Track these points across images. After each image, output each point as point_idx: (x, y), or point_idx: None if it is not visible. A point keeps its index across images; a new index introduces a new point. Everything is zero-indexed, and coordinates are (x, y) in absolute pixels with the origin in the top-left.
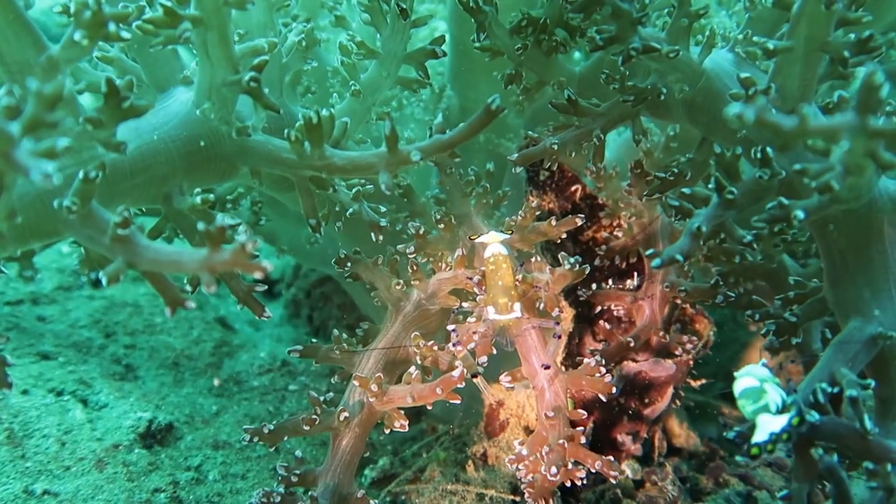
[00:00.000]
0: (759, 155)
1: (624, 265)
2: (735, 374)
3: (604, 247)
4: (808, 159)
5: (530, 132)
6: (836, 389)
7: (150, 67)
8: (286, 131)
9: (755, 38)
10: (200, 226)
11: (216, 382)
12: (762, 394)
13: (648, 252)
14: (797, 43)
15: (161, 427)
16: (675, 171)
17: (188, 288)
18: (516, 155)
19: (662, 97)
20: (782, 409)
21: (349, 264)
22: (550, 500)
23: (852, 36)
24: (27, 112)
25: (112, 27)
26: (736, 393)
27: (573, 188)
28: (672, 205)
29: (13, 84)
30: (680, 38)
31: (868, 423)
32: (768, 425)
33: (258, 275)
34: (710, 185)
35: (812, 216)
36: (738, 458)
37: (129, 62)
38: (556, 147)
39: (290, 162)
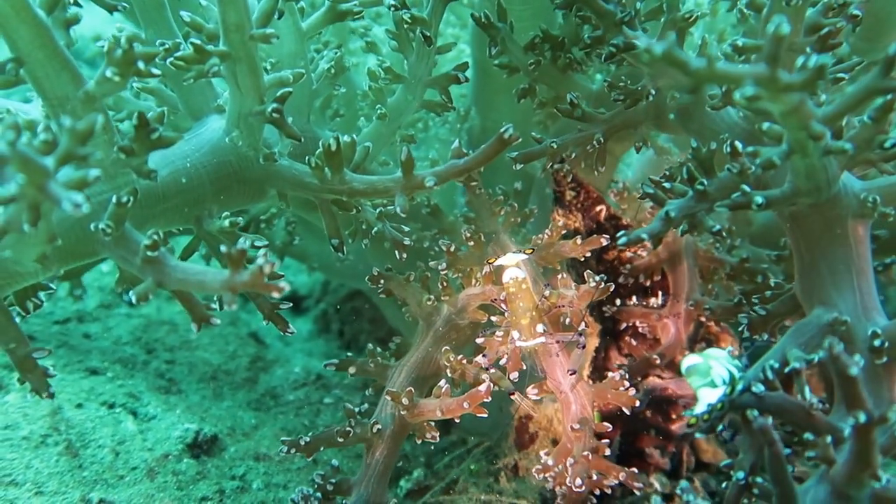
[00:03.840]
0: (728, 149)
1: (648, 283)
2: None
3: (628, 266)
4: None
5: (533, 134)
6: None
7: (186, 97)
8: (307, 158)
9: (735, 40)
10: (223, 248)
11: None
12: (708, 370)
13: (620, 233)
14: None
15: (207, 438)
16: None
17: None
18: (516, 153)
19: (651, 98)
20: (729, 384)
21: (382, 281)
22: None
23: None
24: (61, 147)
25: (142, 65)
26: (682, 370)
27: (598, 208)
28: (647, 192)
29: (52, 118)
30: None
31: (808, 396)
32: (706, 397)
33: (276, 294)
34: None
35: (776, 207)
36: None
37: (168, 92)
38: (555, 147)
39: (313, 186)
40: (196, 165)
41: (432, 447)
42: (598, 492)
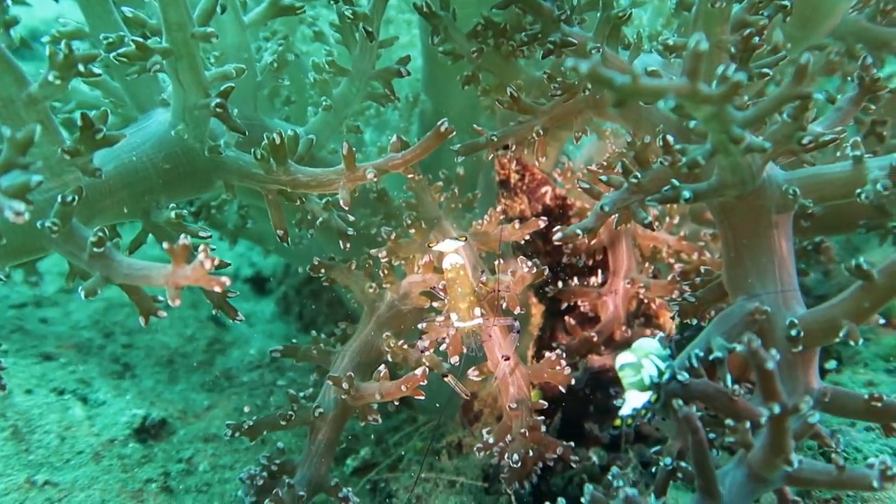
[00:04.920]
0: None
1: (591, 263)
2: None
3: (570, 246)
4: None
5: (474, 125)
6: (712, 357)
7: (131, 90)
8: (252, 150)
9: (666, 37)
10: (165, 245)
11: None
12: (639, 368)
13: (556, 228)
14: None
15: (155, 423)
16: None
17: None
18: (459, 146)
19: (589, 91)
20: (657, 380)
21: (323, 270)
22: (525, 483)
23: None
24: (2, 157)
25: (82, 68)
26: (616, 367)
27: (543, 190)
28: (582, 187)
29: None
30: (608, 38)
31: (730, 383)
32: (633, 401)
33: (218, 289)
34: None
35: (703, 198)
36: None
37: (114, 84)
38: (494, 139)
39: (259, 177)
40: (142, 158)
41: (384, 425)
42: (540, 466)
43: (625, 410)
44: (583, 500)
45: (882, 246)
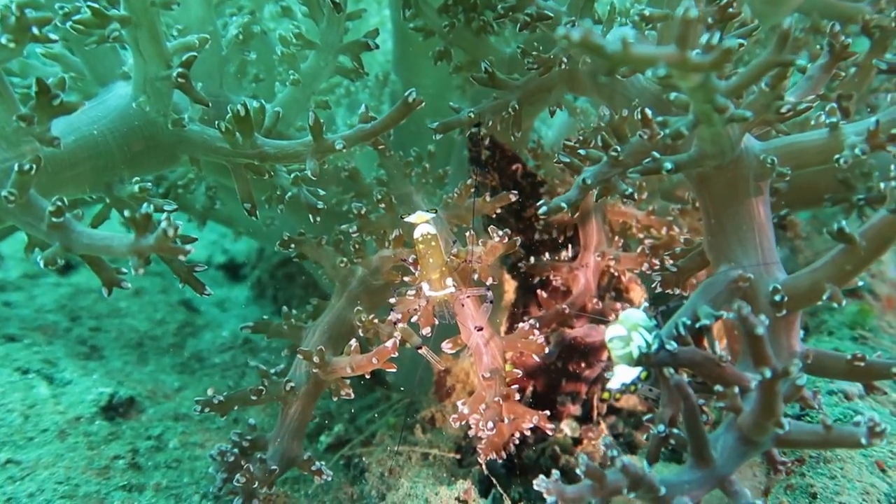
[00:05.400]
0: (639, 116)
1: (562, 238)
2: (619, 316)
3: (542, 222)
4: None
5: (451, 104)
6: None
7: (91, 63)
8: (217, 123)
9: (640, 8)
10: (127, 213)
11: None
12: (628, 341)
13: (540, 202)
14: (670, 9)
15: (122, 401)
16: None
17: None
18: (437, 123)
19: (564, 66)
20: (645, 353)
21: (293, 245)
22: (502, 453)
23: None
24: None
25: (36, 31)
26: (606, 339)
27: (514, 167)
28: (563, 161)
29: None
30: (582, 12)
31: (717, 349)
32: (622, 376)
33: (182, 257)
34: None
35: (683, 169)
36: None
37: (73, 58)
38: (472, 116)
39: (225, 151)
40: (104, 132)
41: (358, 404)
42: (518, 438)
43: (613, 384)
44: (578, 470)
45: (847, 221)
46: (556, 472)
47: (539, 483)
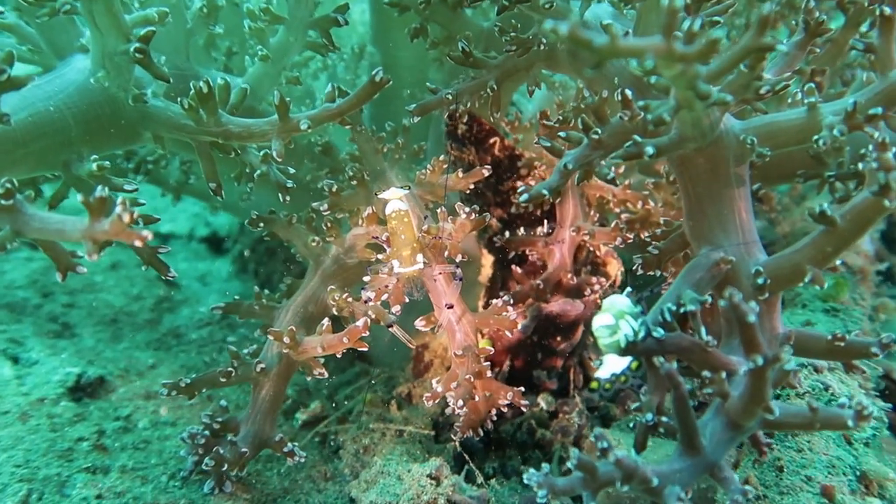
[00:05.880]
0: (619, 97)
1: (539, 213)
2: (602, 303)
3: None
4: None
5: (429, 84)
6: (683, 309)
7: (47, 35)
8: (179, 99)
9: None
10: (80, 197)
11: None
12: (616, 329)
13: (521, 188)
14: None
15: (91, 381)
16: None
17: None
18: (414, 106)
19: (543, 46)
20: (632, 341)
21: (262, 224)
22: (479, 430)
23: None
24: None
25: None
26: (593, 328)
27: (491, 141)
28: (545, 145)
29: None
30: None
31: (704, 335)
32: (611, 366)
33: (138, 243)
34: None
35: (665, 153)
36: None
37: (28, 29)
38: (450, 97)
39: (189, 128)
40: (60, 108)
41: (338, 380)
42: (495, 414)
43: (602, 374)
44: (568, 464)
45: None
46: (545, 466)
47: (529, 477)
